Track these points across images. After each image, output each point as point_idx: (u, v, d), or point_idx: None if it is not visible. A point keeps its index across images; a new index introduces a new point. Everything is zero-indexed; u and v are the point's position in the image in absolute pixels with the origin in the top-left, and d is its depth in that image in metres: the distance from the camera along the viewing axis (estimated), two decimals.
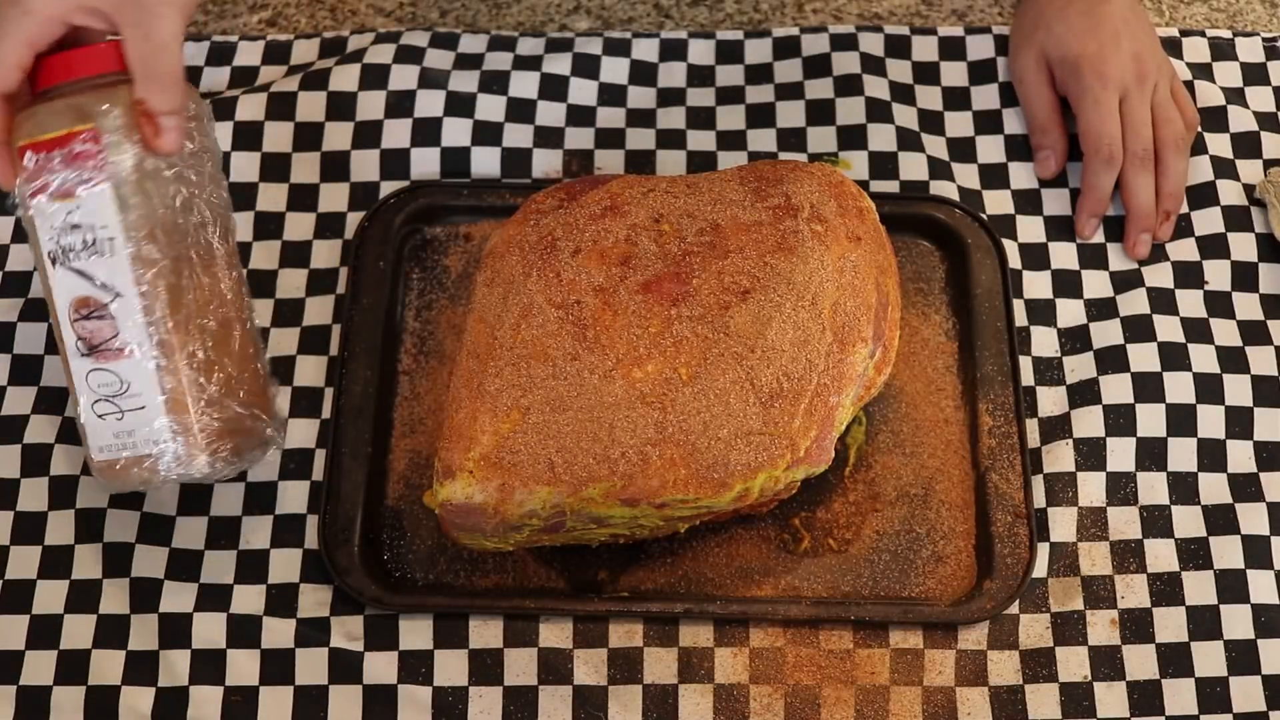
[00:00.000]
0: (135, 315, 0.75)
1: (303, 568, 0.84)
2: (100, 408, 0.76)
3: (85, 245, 0.74)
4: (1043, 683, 0.81)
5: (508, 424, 0.78)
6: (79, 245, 0.74)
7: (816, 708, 0.81)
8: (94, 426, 0.76)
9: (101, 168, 0.74)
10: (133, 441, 0.76)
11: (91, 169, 0.73)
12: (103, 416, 0.76)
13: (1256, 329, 0.92)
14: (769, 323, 0.79)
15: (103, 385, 0.75)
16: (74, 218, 0.74)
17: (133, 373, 0.75)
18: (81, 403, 0.76)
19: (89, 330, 0.75)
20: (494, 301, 0.82)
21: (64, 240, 0.74)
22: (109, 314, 0.75)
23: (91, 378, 0.76)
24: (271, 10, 1.06)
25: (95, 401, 0.76)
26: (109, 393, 0.76)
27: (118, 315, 0.75)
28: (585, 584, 0.84)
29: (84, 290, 0.75)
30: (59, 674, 0.81)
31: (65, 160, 0.73)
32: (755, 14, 1.07)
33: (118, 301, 0.75)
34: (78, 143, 0.73)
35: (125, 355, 0.75)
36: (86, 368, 0.75)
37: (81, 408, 0.76)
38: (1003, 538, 0.84)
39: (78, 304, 0.75)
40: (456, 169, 0.97)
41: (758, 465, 0.77)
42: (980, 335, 0.91)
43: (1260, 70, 1.03)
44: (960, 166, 0.98)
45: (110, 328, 0.75)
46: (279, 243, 0.95)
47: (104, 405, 0.76)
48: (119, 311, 0.75)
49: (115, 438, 0.76)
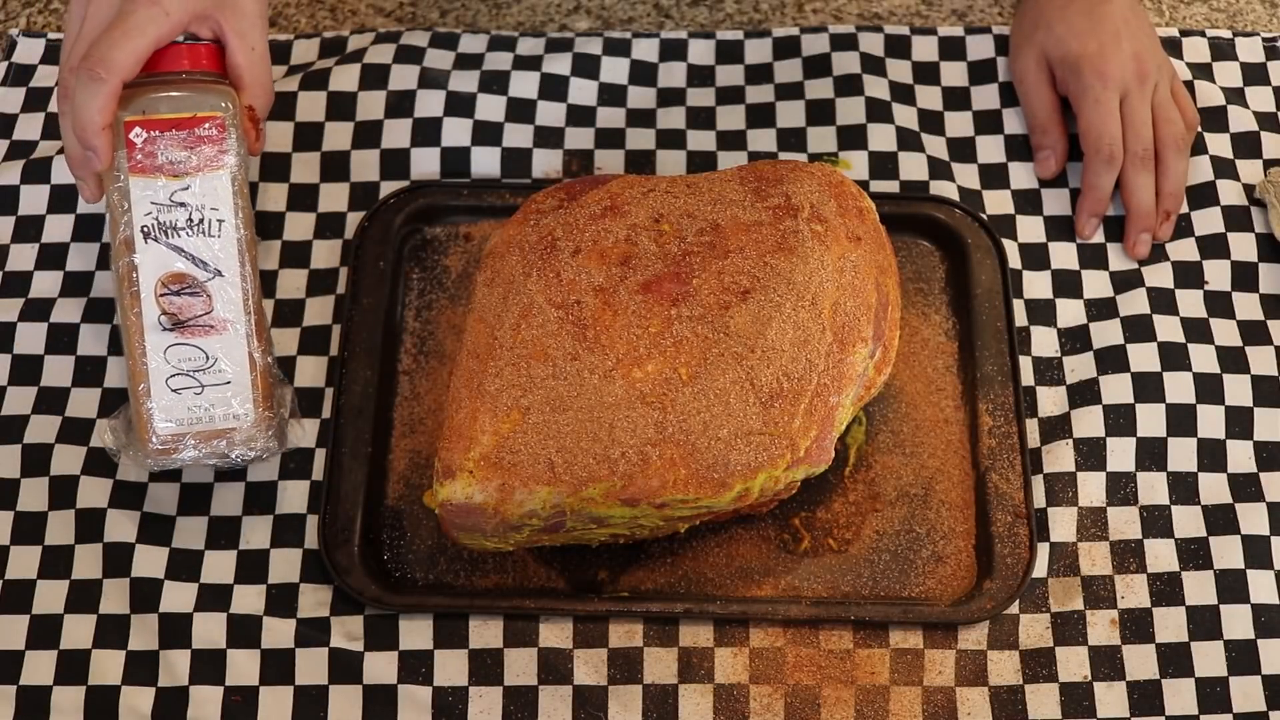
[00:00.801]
0: (235, 293, 0.79)
1: (303, 568, 0.84)
2: (177, 382, 0.79)
3: (190, 223, 0.79)
4: (1043, 683, 0.81)
5: (508, 424, 0.78)
6: (182, 222, 0.78)
7: (816, 708, 0.81)
8: (165, 401, 0.79)
9: (223, 154, 0.79)
10: (210, 415, 0.79)
11: (214, 153, 0.79)
12: (178, 391, 0.79)
13: (1256, 329, 0.92)
14: (769, 323, 0.79)
15: (184, 360, 0.79)
16: (182, 196, 0.79)
17: (223, 348, 0.79)
18: (151, 377, 0.78)
19: (177, 305, 0.79)
20: (494, 301, 0.82)
21: (165, 217, 0.78)
22: (204, 290, 0.79)
23: (171, 352, 0.78)
24: (271, 10, 1.06)
25: (172, 375, 0.79)
26: (191, 367, 0.79)
27: (214, 292, 0.79)
28: (585, 584, 0.84)
29: (180, 266, 0.78)
30: (59, 674, 0.81)
31: (186, 141, 0.79)
32: (755, 14, 1.07)
33: (217, 280, 0.79)
34: (203, 128, 0.79)
35: (217, 331, 0.79)
36: (167, 342, 0.79)
37: (150, 382, 0.78)
38: (1003, 538, 0.84)
39: (169, 279, 0.79)
40: (456, 169, 0.98)
41: (758, 465, 0.77)
42: (980, 335, 0.91)
43: (1260, 70, 1.03)
44: (960, 166, 0.98)
45: (203, 304, 0.79)
46: (279, 243, 0.95)
47: (182, 380, 0.79)
48: (216, 289, 0.79)
49: (189, 411, 0.79)
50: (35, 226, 0.95)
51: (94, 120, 0.76)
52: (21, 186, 0.96)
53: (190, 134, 0.78)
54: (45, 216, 0.95)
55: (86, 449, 0.87)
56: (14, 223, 0.95)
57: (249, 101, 0.82)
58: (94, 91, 0.76)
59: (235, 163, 0.80)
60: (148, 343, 0.79)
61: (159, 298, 0.78)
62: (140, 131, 0.78)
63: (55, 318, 0.91)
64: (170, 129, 0.78)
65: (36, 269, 0.93)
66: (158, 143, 0.78)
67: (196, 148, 0.79)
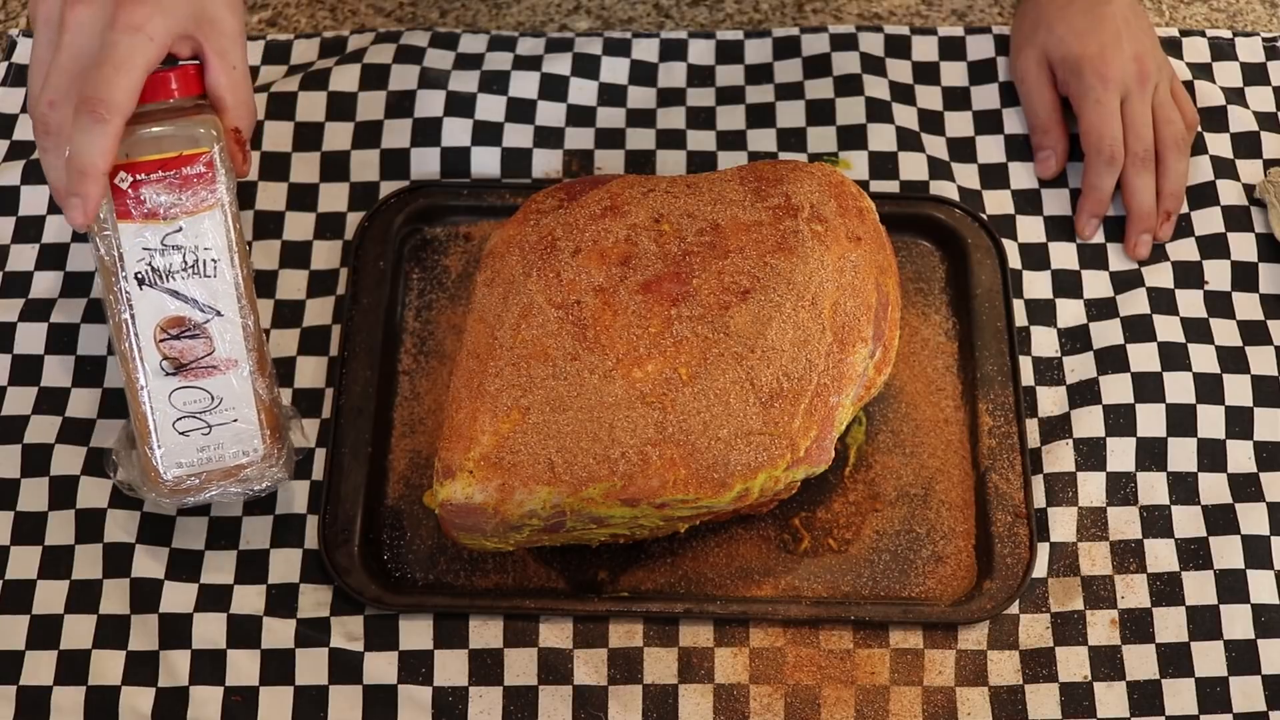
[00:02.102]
0: (235, 332, 0.77)
1: (303, 568, 0.84)
2: (183, 424, 0.77)
3: (185, 266, 0.76)
4: (1043, 683, 0.81)
5: (508, 424, 0.78)
6: (177, 266, 0.76)
7: (816, 708, 0.81)
8: (172, 444, 0.78)
9: (214, 191, 0.75)
10: (220, 455, 0.78)
11: (204, 192, 0.75)
12: (186, 434, 0.78)
13: (1256, 329, 0.92)
14: (769, 323, 0.79)
15: (189, 402, 0.77)
16: (174, 239, 0.75)
17: (227, 388, 0.77)
18: (157, 422, 0.77)
19: (179, 349, 0.77)
20: (494, 301, 0.82)
21: (158, 261, 0.75)
22: (205, 332, 0.77)
23: (176, 396, 0.77)
24: (271, 10, 1.06)
25: (178, 419, 0.77)
26: (196, 409, 0.77)
27: (215, 334, 0.77)
28: (585, 584, 0.84)
29: (178, 310, 0.76)
30: (59, 674, 0.81)
31: (174, 183, 0.74)
32: (755, 14, 1.07)
33: (217, 320, 0.77)
34: (191, 167, 0.74)
35: (221, 371, 0.77)
36: (171, 386, 0.77)
37: (156, 428, 0.77)
38: (1003, 538, 0.84)
39: (167, 324, 0.76)
40: (456, 169, 0.98)
41: (758, 465, 0.77)
42: (980, 335, 0.91)
43: (1260, 70, 1.03)
44: (960, 166, 0.98)
45: (204, 346, 0.77)
46: (279, 242, 0.95)
47: (189, 422, 0.77)
48: (217, 330, 0.77)
49: (199, 452, 0.78)
50: (35, 227, 0.95)
51: (96, 164, 0.71)
52: (22, 187, 0.96)
53: (178, 174, 0.74)
54: (45, 217, 0.95)
55: (86, 449, 0.87)
56: (14, 223, 0.95)
57: (233, 124, 0.76)
58: (98, 134, 0.71)
59: (227, 199, 0.76)
60: (151, 389, 0.77)
61: (159, 343, 0.76)
62: (125, 176, 0.73)
63: (55, 318, 0.91)
64: (156, 170, 0.74)
65: (36, 269, 0.93)
66: (144, 187, 0.74)
67: (185, 189, 0.74)
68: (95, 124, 0.70)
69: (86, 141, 0.71)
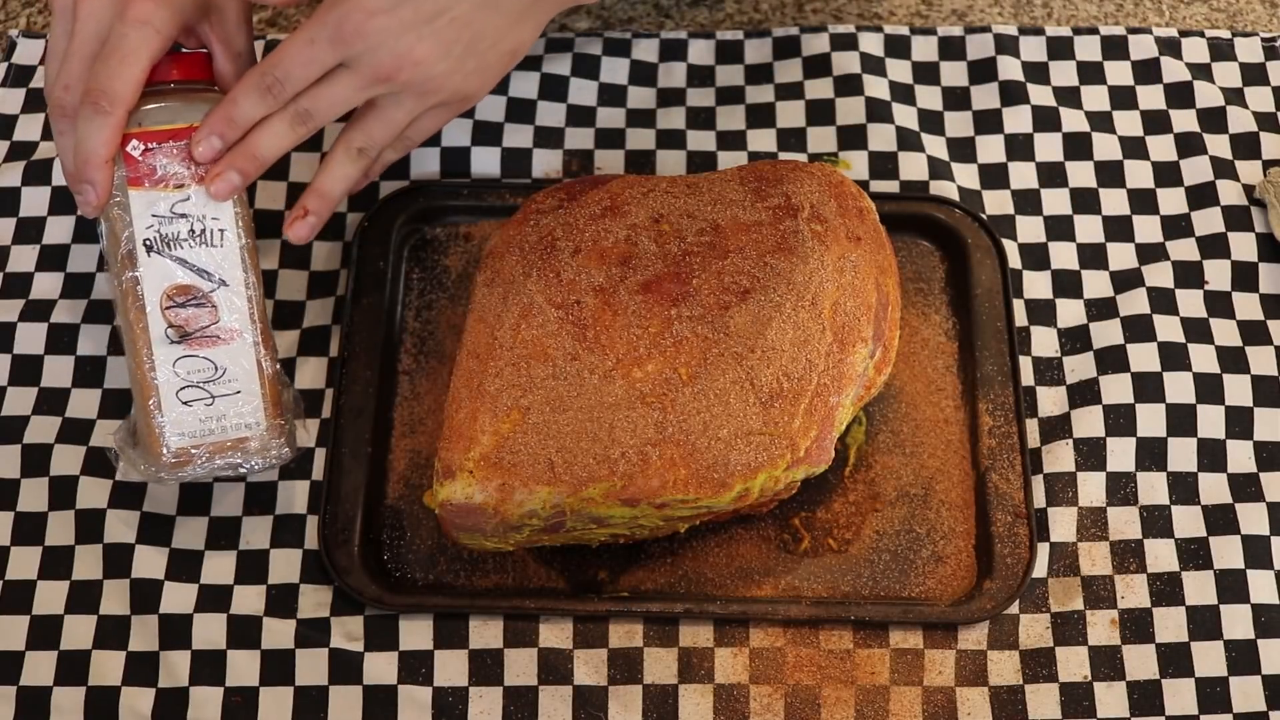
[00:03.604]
0: (240, 302, 0.79)
1: (303, 568, 0.84)
2: (187, 394, 0.78)
3: (192, 234, 0.78)
4: (1043, 683, 0.81)
5: (508, 424, 0.78)
6: (184, 234, 0.78)
7: (816, 708, 0.81)
8: (176, 414, 0.78)
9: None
10: (222, 426, 0.79)
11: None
12: (189, 403, 0.78)
13: (1256, 329, 0.92)
14: (769, 323, 0.79)
15: (193, 371, 0.78)
16: (182, 207, 0.78)
17: (231, 358, 0.79)
18: (161, 391, 0.78)
19: (184, 317, 0.78)
20: (494, 301, 0.82)
21: (166, 229, 0.78)
22: (210, 301, 0.78)
23: (180, 364, 0.78)
24: (271, 10, 1.06)
25: (182, 388, 0.78)
26: (200, 379, 0.78)
27: (220, 303, 0.78)
28: (585, 584, 0.84)
29: (184, 278, 0.78)
30: (59, 674, 0.81)
31: (185, 153, 0.78)
32: (755, 14, 1.07)
33: (222, 290, 0.79)
34: None
35: (225, 341, 0.79)
36: (175, 354, 0.78)
37: (160, 396, 0.78)
38: (1003, 538, 0.84)
39: (174, 291, 0.78)
40: (456, 169, 0.97)
41: (758, 465, 0.77)
42: (980, 335, 0.91)
43: (1260, 70, 1.03)
44: (960, 166, 0.98)
45: (209, 315, 0.78)
46: (279, 242, 0.95)
47: (192, 392, 0.78)
48: (222, 299, 0.78)
49: (202, 423, 0.78)
50: (36, 228, 0.95)
51: (97, 153, 0.75)
52: (23, 188, 0.96)
53: (187, 144, 0.78)
54: (46, 218, 0.95)
55: (86, 449, 0.87)
56: (15, 224, 0.95)
57: None
58: (99, 124, 0.75)
59: None
60: (156, 356, 0.78)
61: (165, 310, 0.78)
62: (137, 144, 0.77)
63: (55, 318, 0.91)
64: (167, 140, 0.78)
65: (37, 270, 0.93)
66: (155, 155, 0.78)
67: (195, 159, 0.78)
68: (97, 115, 0.75)
69: (89, 132, 0.75)
